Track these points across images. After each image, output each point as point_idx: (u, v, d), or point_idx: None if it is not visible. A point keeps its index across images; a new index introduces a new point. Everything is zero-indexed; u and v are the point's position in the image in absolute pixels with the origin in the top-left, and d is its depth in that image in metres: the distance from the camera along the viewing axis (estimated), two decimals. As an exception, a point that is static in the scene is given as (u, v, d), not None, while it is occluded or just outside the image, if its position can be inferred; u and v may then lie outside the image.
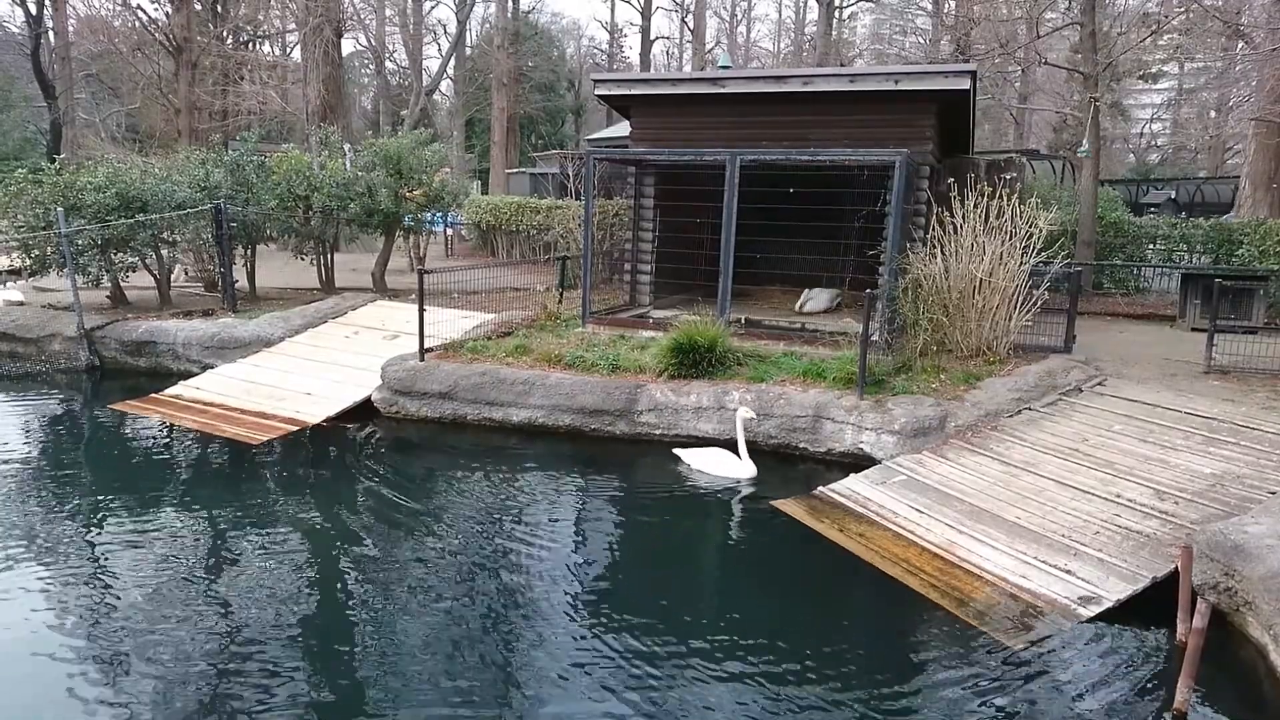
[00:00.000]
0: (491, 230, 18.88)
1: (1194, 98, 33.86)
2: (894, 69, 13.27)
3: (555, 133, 44.59)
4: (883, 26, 45.42)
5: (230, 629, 4.44)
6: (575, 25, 57.78)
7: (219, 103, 25.15)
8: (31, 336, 10.72)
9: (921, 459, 6.62)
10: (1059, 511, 5.56)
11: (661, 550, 5.88)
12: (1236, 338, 8.52)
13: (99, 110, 29.80)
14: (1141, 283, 14.18)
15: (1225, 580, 4.30)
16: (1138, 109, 39.24)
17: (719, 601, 5.02)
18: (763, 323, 9.75)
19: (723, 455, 7.09)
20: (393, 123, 30.83)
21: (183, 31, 22.15)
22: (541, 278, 14.13)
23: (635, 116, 11.09)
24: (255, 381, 9.14)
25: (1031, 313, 8.36)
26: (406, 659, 4.19)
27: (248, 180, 12.33)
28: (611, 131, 20.39)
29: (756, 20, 66.72)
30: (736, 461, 6.98)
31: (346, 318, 11.17)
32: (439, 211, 15.13)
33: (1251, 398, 7.40)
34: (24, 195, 10.85)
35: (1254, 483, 5.62)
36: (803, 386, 7.65)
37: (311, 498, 6.40)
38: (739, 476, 6.88)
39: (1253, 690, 4.04)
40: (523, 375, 8.08)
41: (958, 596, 4.77)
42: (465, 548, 5.58)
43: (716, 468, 7.00)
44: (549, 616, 4.65)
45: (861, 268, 10.57)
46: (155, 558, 5.25)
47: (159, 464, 7.33)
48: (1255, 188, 16.26)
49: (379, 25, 31.58)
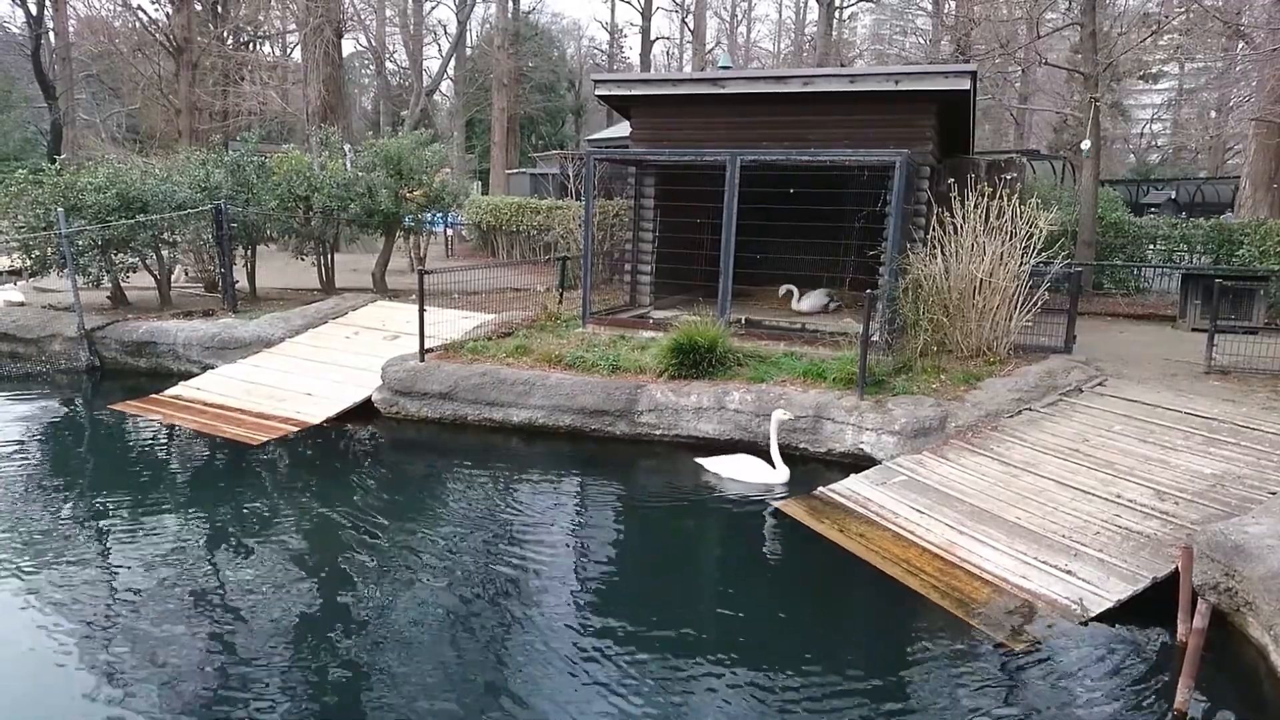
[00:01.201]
0: (492, 231, 18.89)
1: (1194, 98, 33.84)
2: (894, 69, 13.27)
3: (555, 133, 44.60)
4: (883, 27, 45.44)
5: (230, 630, 4.44)
6: (575, 25, 57.89)
7: (219, 103, 25.17)
8: (32, 337, 10.72)
9: (922, 459, 6.61)
10: (1059, 512, 5.55)
11: (662, 550, 5.88)
12: (1237, 338, 8.52)
13: (99, 111, 29.83)
14: (1142, 283, 14.18)
15: (1225, 580, 4.30)
16: (1138, 109, 39.24)
17: (719, 602, 5.02)
18: (763, 323, 9.75)
19: (752, 461, 6.88)
20: (393, 123, 30.84)
21: (183, 32, 22.16)
22: (542, 278, 14.13)
23: (635, 117, 11.09)
24: (255, 382, 9.15)
25: (1032, 313, 8.35)
26: (406, 660, 4.19)
27: (248, 181, 12.34)
28: (612, 132, 20.40)
29: (757, 20, 66.79)
30: (768, 468, 6.78)
31: (347, 318, 11.17)
32: (439, 212, 15.14)
33: (1252, 398, 7.39)
34: (24, 196, 10.86)
35: (1254, 483, 5.61)
36: (803, 387, 7.65)
37: (311, 498, 6.40)
38: (772, 482, 6.66)
39: (1253, 691, 4.04)
40: (523, 376, 8.08)
41: (958, 597, 4.77)
42: (465, 548, 5.58)
43: (747, 475, 6.76)
44: (549, 616, 4.65)
45: (862, 268, 10.56)
46: (155, 558, 5.25)
47: (159, 464, 7.33)
48: (1255, 188, 16.26)
49: (379, 26, 31.61)
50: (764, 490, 6.58)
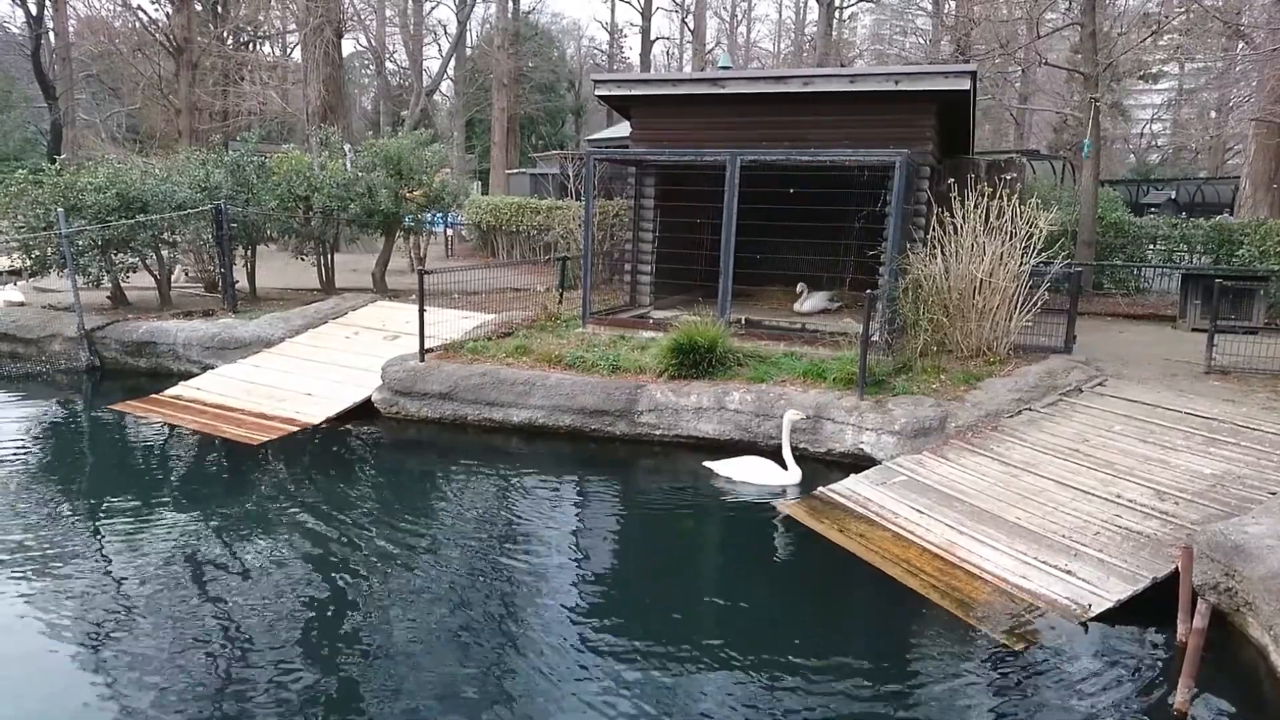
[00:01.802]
0: (492, 231, 18.88)
1: (1194, 98, 33.87)
2: (894, 69, 13.27)
3: (555, 133, 44.60)
4: (883, 27, 45.45)
5: (229, 629, 4.44)
6: (575, 25, 57.90)
7: (219, 103, 25.18)
8: (32, 337, 10.72)
9: (922, 459, 6.61)
10: (1059, 512, 5.55)
11: (662, 550, 5.88)
12: (1237, 338, 8.52)
13: (99, 111, 29.82)
14: (1142, 283, 14.18)
15: (1225, 581, 4.30)
16: (1138, 109, 39.25)
17: (719, 602, 5.02)
18: (763, 323, 9.74)
19: (762, 463, 6.84)
20: (393, 123, 30.85)
21: (183, 32, 22.17)
22: (542, 278, 14.13)
23: (635, 117, 11.09)
24: (255, 382, 9.15)
25: (1032, 313, 8.35)
26: (407, 660, 4.19)
27: (248, 181, 12.33)
28: (612, 132, 20.40)
29: (757, 21, 66.83)
30: (779, 469, 6.75)
31: (347, 318, 11.18)
32: (439, 212, 15.14)
33: (1252, 398, 7.39)
34: (25, 196, 10.85)
35: (1254, 483, 5.61)
36: (803, 387, 7.65)
37: (311, 498, 6.39)
38: (785, 484, 6.63)
39: (1253, 691, 4.04)
40: (523, 376, 8.08)
41: (958, 597, 4.77)
42: (466, 548, 5.58)
43: (759, 477, 6.73)
44: (549, 616, 4.65)
45: (862, 268, 10.56)
46: (155, 558, 5.25)
47: (159, 464, 7.33)
48: (1255, 188, 16.28)
49: (379, 26, 31.60)
50: (777, 492, 6.55)
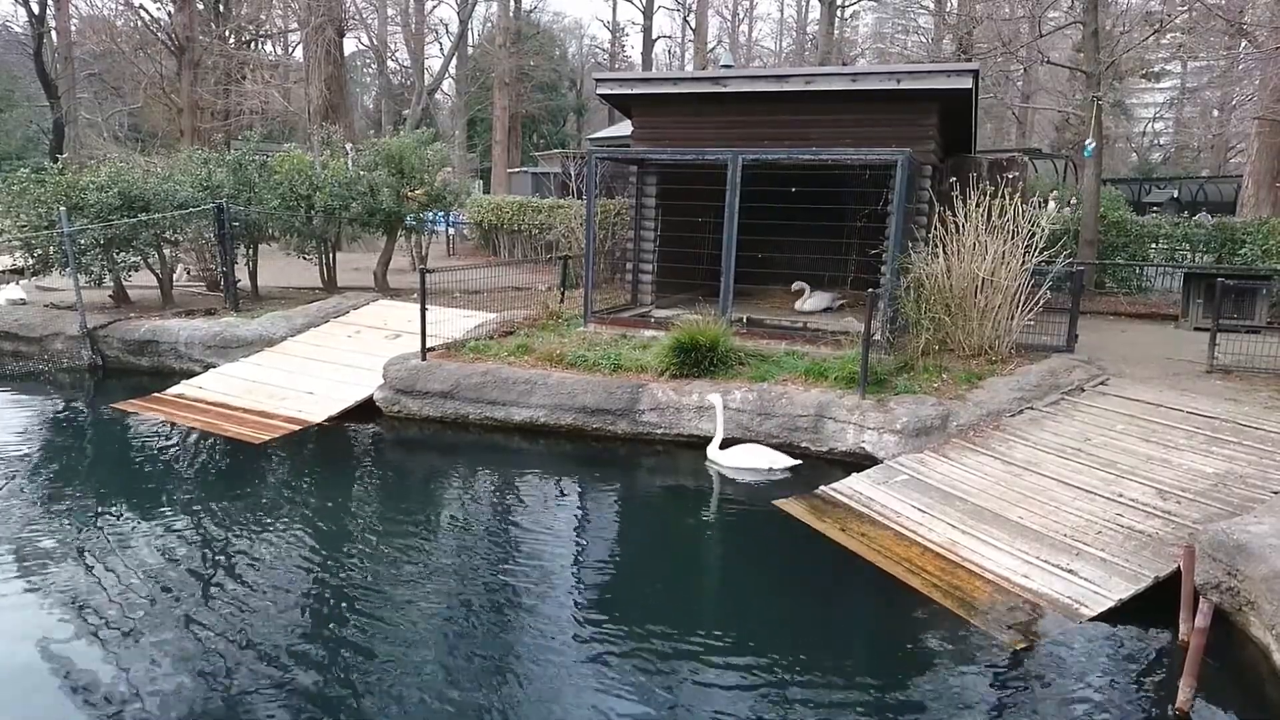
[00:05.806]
0: (493, 230, 18.89)
1: (1197, 97, 33.84)
2: (896, 68, 13.27)
3: (557, 132, 44.60)
4: (885, 25, 45.42)
5: (231, 628, 4.44)
6: (577, 24, 57.94)
7: (221, 102, 25.17)
8: (34, 335, 10.74)
9: (923, 458, 6.61)
10: (1061, 511, 5.55)
11: (663, 549, 5.88)
12: (1239, 337, 8.51)
13: (101, 110, 29.83)
14: (1144, 282, 14.16)
15: (1228, 580, 4.30)
16: (1140, 108, 39.21)
17: (720, 601, 5.02)
18: (764, 322, 9.74)
19: (755, 448, 7.12)
20: (395, 122, 30.86)
21: (185, 31, 22.18)
22: (543, 277, 14.14)
23: (637, 116, 11.08)
24: (257, 381, 9.15)
25: (1034, 312, 8.34)
26: (408, 658, 4.19)
27: (250, 180, 12.34)
28: (613, 131, 20.41)
29: (758, 19, 66.67)
30: (773, 452, 7.05)
31: (348, 317, 11.18)
32: (441, 211, 15.14)
33: (1254, 397, 7.38)
34: (27, 195, 10.86)
35: (1257, 482, 5.61)
36: (805, 386, 7.65)
37: (313, 497, 6.40)
38: (777, 465, 6.95)
39: (1255, 690, 4.03)
40: (525, 375, 8.08)
41: (960, 596, 4.77)
42: (467, 546, 5.58)
43: (753, 460, 7.00)
44: (551, 615, 4.65)
45: (864, 267, 10.55)
46: (157, 557, 5.26)
47: (161, 463, 7.33)
48: (1258, 187, 16.27)
49: (381, 25, 31.62)
50: (777, 474, 6.83)
